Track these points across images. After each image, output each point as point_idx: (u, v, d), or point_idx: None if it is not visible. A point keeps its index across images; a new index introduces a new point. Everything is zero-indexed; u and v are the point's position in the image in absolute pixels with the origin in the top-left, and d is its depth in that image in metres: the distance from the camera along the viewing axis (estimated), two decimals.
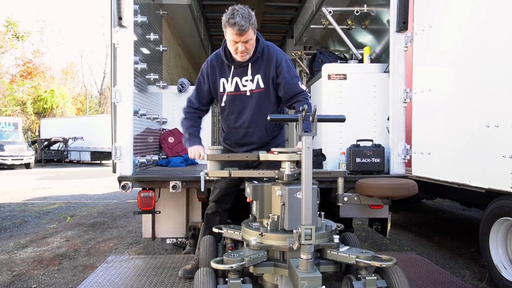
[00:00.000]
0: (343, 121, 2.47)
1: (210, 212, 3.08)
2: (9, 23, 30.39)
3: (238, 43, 2.56)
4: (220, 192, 2.99)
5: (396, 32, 3.62)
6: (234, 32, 2.51)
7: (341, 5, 5.11)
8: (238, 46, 2.58)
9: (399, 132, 3.63)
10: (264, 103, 2.77)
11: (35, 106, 30.08)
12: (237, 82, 2.74)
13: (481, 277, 3.66)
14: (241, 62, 2.69)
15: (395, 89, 3.63)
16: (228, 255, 2.26)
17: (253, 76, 2.73)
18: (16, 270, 4.02)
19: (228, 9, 2.56)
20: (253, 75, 2.73)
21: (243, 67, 2.72)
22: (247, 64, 2.71)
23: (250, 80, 2.73)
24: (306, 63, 7.52)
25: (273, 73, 2.71)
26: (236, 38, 2.54)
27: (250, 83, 2.74)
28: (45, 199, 9.23)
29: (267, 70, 2.71)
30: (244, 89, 2.75)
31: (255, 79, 2.72)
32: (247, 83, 2.74)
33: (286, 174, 2.34)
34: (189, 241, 3.90)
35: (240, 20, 2.48)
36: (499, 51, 2.84)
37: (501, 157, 2.78)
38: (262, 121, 2.77)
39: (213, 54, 2.85)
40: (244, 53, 2.62)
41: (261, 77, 2.72)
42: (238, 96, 2.76)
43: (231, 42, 2.58)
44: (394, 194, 2.95)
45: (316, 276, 2.06)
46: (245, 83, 2.74)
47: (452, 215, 7.06)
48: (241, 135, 2.86)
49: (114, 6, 3.34)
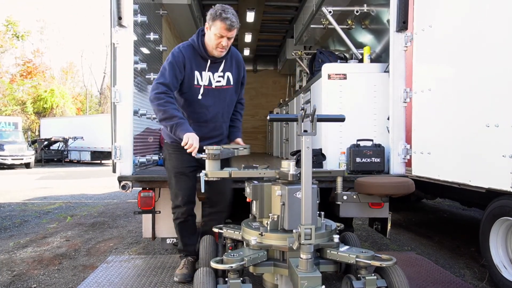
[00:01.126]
0: (343, 121, 2.47)
1: (183, 219, 2.96)
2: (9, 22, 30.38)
3: (223, 38, 2.68)
4: (187, 196, 2.93)
5: (396, 32, 3.61)
6: (224, 27, 2.64)
7: (341, 5, 5.11)
8: (222, 41, 2.69)
9: (399, 132, 3.63)
10: (231, 100, 2.98)
11: (35, 105, 30.07)
12: (210, 76, 2.83)
13: (481, 277, 3.66)
14: (216, 58, 2.79)
15: (395, 88, 3.63)
16: (228, 255, 2.26)
17: (224, 73, 2.87)
18: (16, 270, 4.02)
19: (215, 6, 2.69)
20: (223, 72, 2.87)
21: (217, 63, 2.84)
22: (221, 61, 2.84)
23: (221, 76, 2.86)
24: (306, 63, 7.51)
25: (241, 75, 2.99)
26: (224, 33, 2.66)
27: (222, 79, 2.86)
28: (45, 199, 9.23)
29: (238, 71, 2.95)
30: (217, 84, 2.86)
31: (226, 75, 2.87)
32: (220, 79, 2.86)
33: (291, 174, 2.34)
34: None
35: (232, 17, 2.65)
36: (499, 50, 2.84)
37: (501, 157, 2.77)
38: (227, 115, 3.01)
39: (185, 45, 2.82)
40: (223, 49, 2.74)
41: (232, 75, 2.90)
42: (212, 90, 2.86)
43: (216, 36, 2.67)
44: (391, 191, 3.00)
45: (316, 276, 2.06)
46: (218, 78, 2.85)
47: (452, 215, 7.06)
48: (209, 129, 2.90)
49: (114, 6, 3.34)
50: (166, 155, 3.04)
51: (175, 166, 2.92)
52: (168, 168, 3.01)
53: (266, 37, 9.77)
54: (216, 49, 2.73)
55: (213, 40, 2.70)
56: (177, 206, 2.95)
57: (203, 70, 2.80)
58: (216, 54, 2.76)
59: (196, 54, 2.79)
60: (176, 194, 2.93)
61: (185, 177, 2.92)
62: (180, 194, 2.92)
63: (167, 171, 3.04)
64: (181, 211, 2.95)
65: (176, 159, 2.92)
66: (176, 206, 2.96)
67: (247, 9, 7.60)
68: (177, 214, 2.97)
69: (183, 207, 2.94)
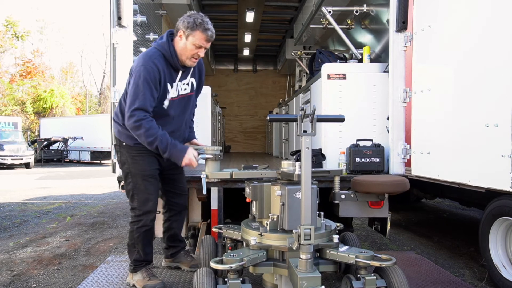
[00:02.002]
0: (343, 121, 2.48)
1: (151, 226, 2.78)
2: (8, 22, 30.37)
3: (201, 48, 2.61)
4: (156, 200, 2.79)
5: (395, 32, 3.62)
6: (204, 38, 2.57)
7: (340, 5, 5.11)
8: (200, 51, 2.62)
9: (398, 132, 3.63)
10: (193, 105, 2.94)
11: (34, 105, 30.06)
12: (179, 85, 2.72)
13: (480, 277, 3.66)
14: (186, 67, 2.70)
15: (395, 88, 3.63)
16: (227, 255, 2.26)
17: (189, 79, 2.79)
18: (16, 269, 4.02)
19: (192, 15, 2.59)
20: (189, 79, 2.79)
21: (185, 72, 2.74)
22: (189, 69, 2.76)
23: (187, 84, 2.78)
24: (305, 62, 7.52)
25: (202, 80, 2.90)
26: (203, 44, 2.59)
27: (187, 87, 2.78)
28: (44, 198, 9.23)
29: (200, 75, 2.87)
30: (183, 92, 2.76)
31: (190, 82, 2.79)
32: (186, 87, 2.77)
33: (296, 174, 2.34)
34: (189, 241, 3.90)
35: (212, 28, 2.60)
36: (499, 50, 2.84)
37: (501, 157, 2.77)
38: (189, 121, 2.95)
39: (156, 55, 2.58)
40: (197, 59, 2.69)
41: (195, 80, 2.82)
42: (178, 99, 2.74)
43: (194, 46, 2.58)
44: (387, 189, 3.07)
45: (315, 276, 2.06)
46: (185, 86, 2.76)
47: (451, 214, 7.07)
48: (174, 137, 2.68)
49: (114, 6, 3.34)
50: (126, 159, 2.74)
51: (143, 169, 2.70)
52: (132, 172, 2.73)
53: (265, 37, 9.78)
54: (191, 59, 2.64)
55: (189, 50, 2.59)
56: (147, 212, 2.72)
57: (174, 82, 2.66)
58: (189, 64, 2.67)
59: (168, 64, 2.62)
60: (147, 199, 2.71)
61: (154, 180, 2.76)
62: (152, 199, 2.72)
63: (129, 176, 2.74)
64: (150, 217, 2.74)
65: (143, 162, 2.71)
66: (146, 212, 2.71)
67: (247, 9, 7.61)
68: (144, 221, 2.72)
69: (153, 213, 2.75)
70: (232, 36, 9.69)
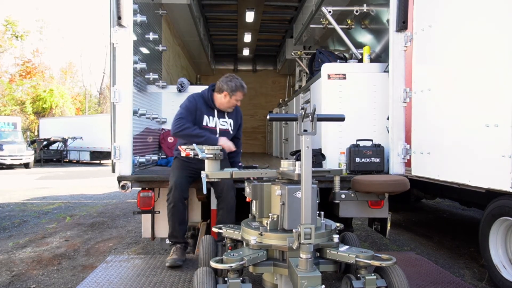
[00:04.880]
0: (343, 120, 2.47)
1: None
2: (8, 22, 30.34)
3: (238, 101, 3.47)
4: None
5: (395, 32, 3.61)
6: (242, 94, 3.45)
7: (340, 5, 5.11)
8: (238, 103, 3.48)
9: (398, 132, 3.63)
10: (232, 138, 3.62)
11: (34, 105, 30.04)
12: (217, 121, 3.52)
13: (480, 277, 3.66)
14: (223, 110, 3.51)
15: (395, 88, 3.63)
16: (227, 254, 2.26)
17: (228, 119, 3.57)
18: (15, 270, 4.01)
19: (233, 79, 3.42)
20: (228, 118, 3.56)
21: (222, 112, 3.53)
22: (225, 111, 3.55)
23: (225, 121, 3.56)
24: (305, 62, 7.51)
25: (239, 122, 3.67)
26: (241, 98, 3.47)
27: (225, 124, 3.55)
28: (44, 199, 9.22)
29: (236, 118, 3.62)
30: (222, 127, 3.52)
31: (229, 122, 3.57)
32: (224, 123, 3.54)
33: (296, 173, 2.33)
34: (189, 241, 3.89)
35: (244, 84, 3.49)
36: (499, 50, 2.84)
37: (501, 157, 2.77)
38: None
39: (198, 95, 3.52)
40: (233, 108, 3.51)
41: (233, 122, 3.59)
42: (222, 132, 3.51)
43: (235, 100, 3.44)
44: (387, 189, 3.08)
45: (315, 276, 2.06)
46: (223, 123, 3.54)
47: (451, 215, 7.06)
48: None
49: (113, 6, 3.34)
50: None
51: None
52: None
53: (265, 37, 9.77)
54: (231, 108, 3.49)
55: (231, 102, 3.44)
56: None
57: (211, 115, 3.49)
58: (230, 111, 3.52)
59: (205, 103, 3.48)
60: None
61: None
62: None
63: None
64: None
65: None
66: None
67: (247, 8, 7.60)
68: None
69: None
70: (232, 36, 9.69)
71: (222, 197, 3.28)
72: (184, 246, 3.33)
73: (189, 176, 3.29)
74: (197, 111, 3.43)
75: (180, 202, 3.19)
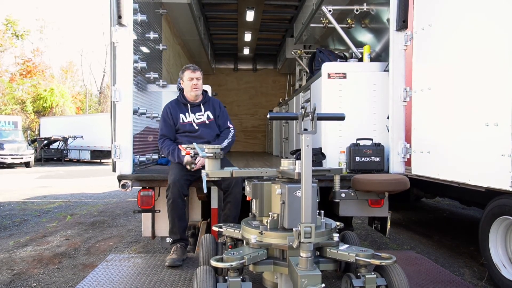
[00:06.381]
0: (343, 119, 2.48)
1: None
2: (8, 21, 30.33)
3: (193, 79, 3.54)
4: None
5: (396, 31, 3.62)
6: (191, 72, 3.56)
7: (341, 4, 5.11)
8: (193, 81, 3.54)
9: (398, 131, 3.63)
10: (213, 130, 3.72)
11: (34, 105, 30.04)
12: (193, 116, 3.64)
13: (480, 276, 3.66)
14: (193, 102, 3.64)
15: (395, 88, 3.63)
16: (227, 253, 2.27)
17: (204, 112, 3.67)
18: (16, 269, 4.02)
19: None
20: (204, 112, 3.67)
21: (196, 106, 3.65)
22: (199, 104, 3.66)
23: (201, 115, 3.66)
24: (306, 62, 7.51)
25: (217, 111, 3.74)
26: (192, 75, 3.55)
27: (202, 117, 3.65)
28: (45, 198, 9.23)
29: (214, 108, 3.72)
30: (198, 120, 3.63)
31: (206, 114, 3.67)
32: (200, 117, 3.65)
33: (296, 172, 2.34)
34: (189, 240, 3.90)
35: (193, 64, 3.69)
36: (499, 49, 2.84)
37: (501, 156, 2.78)
38: (213, 138, 3.75)
39: (170, 102, 3.71)
40: (197, 87, 3.58)
41: (210, 112, 3.68)
42: (203, 124, 3.65)
43: (190, 81, 3.55)
44: (387, 188, 3.09)
45: (315, 274, 2.06)
46: (199, 117, 3.64)
47: (451, 214, 7.07)
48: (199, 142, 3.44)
49: (114, 5, 3.34)
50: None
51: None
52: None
53: (265, 36, 9.77)
54: (192, 90, 3.57)
55: (190, 86, 3.56)
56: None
57: (186, 112, 3.64)
58: (194, 94, 3.60)
59: (179, 103, 3.67)
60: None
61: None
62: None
63: None
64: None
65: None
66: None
67: (247, 8, 7.60)
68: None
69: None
70: (232, 35, 9.68)
71: (230, 190, 3.31)
72: (184, 246, 3.34)
73: (188, 174, 3.32)
74: (171, 115, 3.62)
75: (179, 198, 3.22)
